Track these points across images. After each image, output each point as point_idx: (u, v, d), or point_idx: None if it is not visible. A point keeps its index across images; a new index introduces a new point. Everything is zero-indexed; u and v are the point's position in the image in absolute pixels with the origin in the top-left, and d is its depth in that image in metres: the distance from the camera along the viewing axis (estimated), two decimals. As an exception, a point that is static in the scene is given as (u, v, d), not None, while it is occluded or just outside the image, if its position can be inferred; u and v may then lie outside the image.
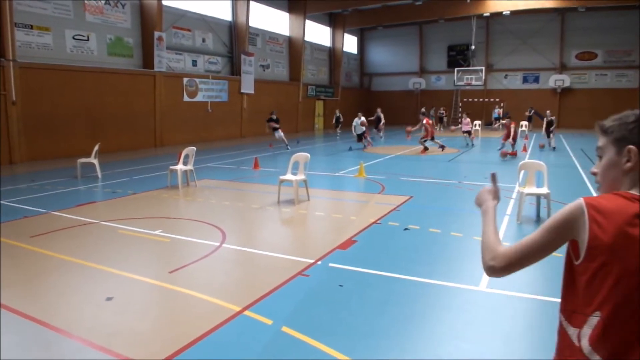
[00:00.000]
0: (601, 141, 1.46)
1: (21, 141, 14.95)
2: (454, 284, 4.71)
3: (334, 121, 26.14)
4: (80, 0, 16.99)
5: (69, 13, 16.67)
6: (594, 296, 1.31)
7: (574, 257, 1.38)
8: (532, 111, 28.75)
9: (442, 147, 17.77)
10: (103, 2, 17.88)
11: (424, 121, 17.72)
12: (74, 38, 16.91)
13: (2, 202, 8.71)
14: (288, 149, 18.61)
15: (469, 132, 20.72)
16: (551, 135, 18.56)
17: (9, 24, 14.25)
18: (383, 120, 24.74)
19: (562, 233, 1.38)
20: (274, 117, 19.85)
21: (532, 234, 1.44)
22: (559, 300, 1.45)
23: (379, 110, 24.70)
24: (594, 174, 1.51)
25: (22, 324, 3.86)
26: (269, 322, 3.84)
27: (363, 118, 19.41)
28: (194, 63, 22.82)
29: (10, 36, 14.34)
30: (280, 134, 19.38)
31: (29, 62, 15.10)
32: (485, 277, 4.84)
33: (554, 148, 18.29)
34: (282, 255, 5.67)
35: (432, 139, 17.80)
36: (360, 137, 19.30)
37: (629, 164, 1.37)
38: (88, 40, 17.43)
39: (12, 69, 14.41)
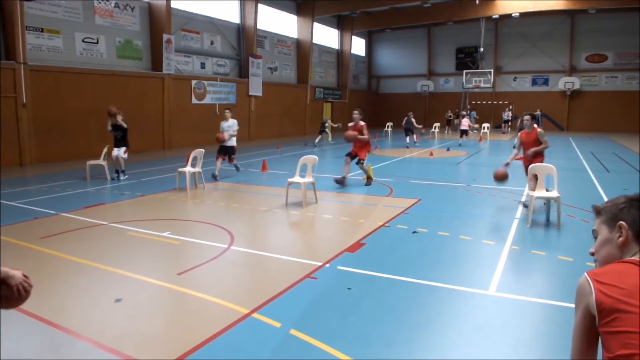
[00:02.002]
0: (596, 223, 1.62)
1: (31, 143, 15.10)
2: (463, 287, 4.67)
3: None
4: (90, 2, 17.16)
5: (79, 16, 16.82)
6: (613, 344, 1.39)
7: (597, 322, 1.44)
8: (540, 114, 28.76)
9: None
10: (112, 5, 18.04)
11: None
12: (83, 41, 17.06)
13: (13, 203, 8.80)
14: (119, 178, 11.53)
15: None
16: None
17: (20, 27, 14.41)
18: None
19: (583, 307, 1.48)
20: (122, 123, 11.51)
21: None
22: (569, 305, 1.48)
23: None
24: (592, 254, 1.64)
25: (31, 325, 3.88)
26: (278, 324, 3.83)
27: (233, 120, 12.44)
28: (203, 65, 22.93)
29: (21, 39, 14.50)
30: (121, 152, 11.39)
31: (39, 64, 15.26)
32: (494, 281, 4.81)
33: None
34: (290, 258, 5.66)
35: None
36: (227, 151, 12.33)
37: (621, 239, 1.52)
38: (97, 43, 17.58)
39: (22, 72, 14.58)
